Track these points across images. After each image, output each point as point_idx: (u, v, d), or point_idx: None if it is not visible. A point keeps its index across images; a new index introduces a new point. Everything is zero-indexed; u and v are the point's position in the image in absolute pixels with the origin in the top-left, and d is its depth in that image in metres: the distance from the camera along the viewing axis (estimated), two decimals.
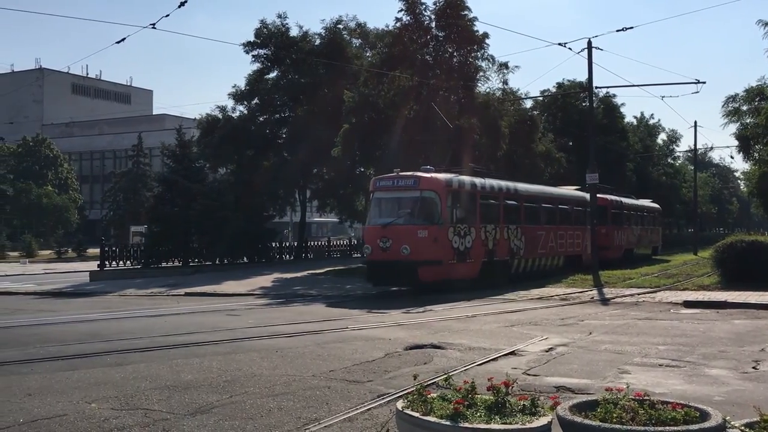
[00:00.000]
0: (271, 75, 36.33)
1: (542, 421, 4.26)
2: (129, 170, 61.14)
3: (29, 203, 58.37)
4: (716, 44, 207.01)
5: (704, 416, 4.24)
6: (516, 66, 53.08)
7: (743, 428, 4.59)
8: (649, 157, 56.11)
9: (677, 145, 66.97)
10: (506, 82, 29.99)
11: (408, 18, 26.88)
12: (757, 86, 29.58)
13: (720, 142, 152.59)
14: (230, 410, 6.33)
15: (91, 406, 6.53)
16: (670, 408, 4.31)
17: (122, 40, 19.24)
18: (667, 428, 4.07)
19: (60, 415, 6.22)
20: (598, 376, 7.73)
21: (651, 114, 73.13)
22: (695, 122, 77.43)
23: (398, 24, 27.03)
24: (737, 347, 9.72)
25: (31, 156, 66.25)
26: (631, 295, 17.68)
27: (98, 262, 28.03)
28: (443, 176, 19.39)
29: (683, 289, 18.67)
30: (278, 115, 36.96)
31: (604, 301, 16.84)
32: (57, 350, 9.87)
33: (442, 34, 27.35)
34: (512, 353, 9.29)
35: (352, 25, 35.39)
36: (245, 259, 33.44)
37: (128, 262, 28.91)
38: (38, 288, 23.08)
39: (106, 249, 28.65)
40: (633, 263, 30.09)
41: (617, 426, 4.08)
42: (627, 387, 4.66)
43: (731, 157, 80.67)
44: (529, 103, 37.61)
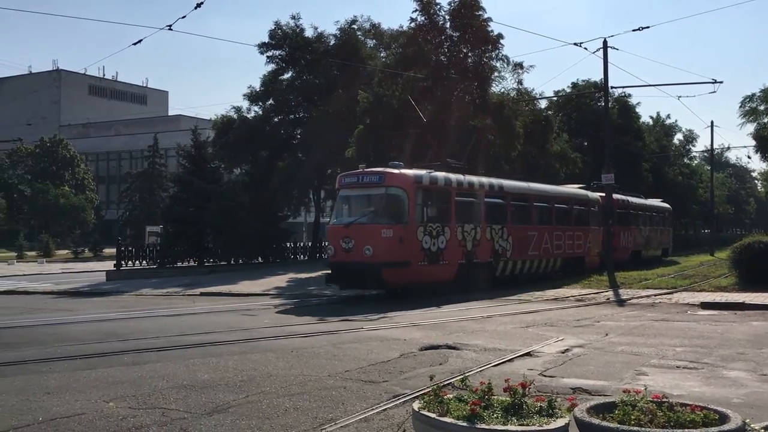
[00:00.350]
0: (286, 76, 36.53)
1: (559, 423, 4.24)
2: (145, 171, 61.54)
3: (46, 203, 58.89)
4: (733, 43, 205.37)
5: (723, 419, 4.21)
6: (531, 66, 53.24)
7: (763, 431, 4.55)
8: (665, 158, 55.71)
9: (693, 145, 66.54)
10: (521, 82, 30.01)
11: (423, 18, 26.90)
12: None
13: (737, 142, 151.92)
14: (247, 410, 6.35)
15: (109, 405, 6.58)
16: (689, 410, 4.28)
17: (139, 42, 19.69)
18: (686, 431, 4.03)
19: (78, 414, 6.26)
20: (615, 378, 7.67)
21: (667, 114, 72.97)
22: (712, 122, 76.66)
23: (413, 24, 27.11)
24: (756, 349, 9.62)
25: (49, 157, 66.94)
26: (648, 297, 17.53)
27: (114, 262, 28.25)
28: (412, 172, 18.13)
29: (700, 291, 18.51)
30: (293, 116, 37.15)
31: (620, 302, 16.71)
32: (75, 349, 9.95)
33: (457, 35, 27.33)
34: (528, 354, 9.25)
35: (367, 26, 35.58)
36: (260, 259, 33.58)
37: (144, 262, 29.12)
38: (56, 287, 23.27)
39: (122, 249, 28.86)
40: (640, 265, 28.53)
41: (635, 428, 4.05)
42: (645, 389, 4.63)
43: (748, 157, 79.91)
44: (544, 104, 37.53)
